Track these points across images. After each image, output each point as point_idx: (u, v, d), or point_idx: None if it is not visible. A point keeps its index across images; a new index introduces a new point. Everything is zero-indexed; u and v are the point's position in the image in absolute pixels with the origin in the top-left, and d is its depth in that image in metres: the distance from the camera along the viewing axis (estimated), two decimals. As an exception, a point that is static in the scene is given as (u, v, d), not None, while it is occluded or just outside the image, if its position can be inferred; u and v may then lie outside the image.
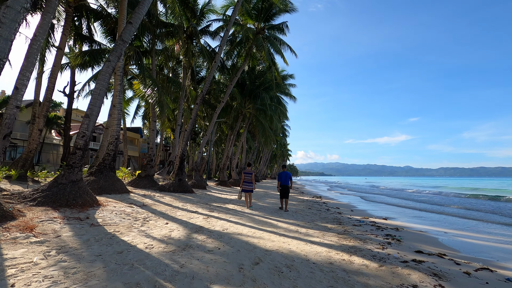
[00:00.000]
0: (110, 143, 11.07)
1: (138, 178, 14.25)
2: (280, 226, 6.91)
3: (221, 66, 20.38)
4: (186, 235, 5.25)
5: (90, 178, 10.11)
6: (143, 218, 6.47)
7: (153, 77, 15.22)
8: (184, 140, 14.40)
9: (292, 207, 11.56)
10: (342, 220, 8.49)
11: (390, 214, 11.26)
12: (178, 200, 10.72)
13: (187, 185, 14.03)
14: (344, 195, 24.23)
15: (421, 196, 26.24)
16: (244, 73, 22.92)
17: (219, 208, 9.45)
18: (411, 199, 21.05)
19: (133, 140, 46.57)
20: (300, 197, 18.37)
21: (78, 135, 7.21)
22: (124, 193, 10.62)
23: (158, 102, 14.34)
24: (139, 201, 9.19)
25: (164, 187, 13.62)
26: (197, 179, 17.85)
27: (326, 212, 10.57)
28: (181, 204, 9.71)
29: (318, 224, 7.62)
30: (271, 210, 10.15)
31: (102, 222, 5.62)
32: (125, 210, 7.11)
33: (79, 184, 7.04)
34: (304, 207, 12.13)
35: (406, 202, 18.24)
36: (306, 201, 15.23)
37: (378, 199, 20.40)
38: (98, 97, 7.40)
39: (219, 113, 21.98)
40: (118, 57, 7.77)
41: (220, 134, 33.74)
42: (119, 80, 11.27)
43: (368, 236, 6.29)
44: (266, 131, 22.72)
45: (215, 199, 12.46)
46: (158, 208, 8.31)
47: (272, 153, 68.35)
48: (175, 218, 6.98)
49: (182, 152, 14.39)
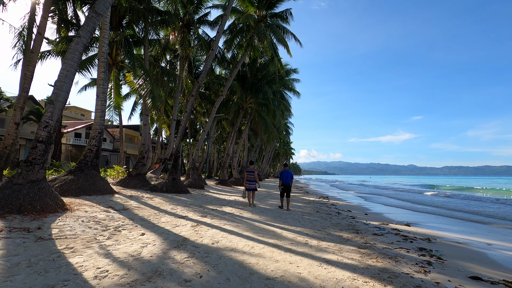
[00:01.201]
0: (92, 138, 9.84)
1: (128, 177, 13.03)
2: (285, 237, 5.61)
3: (220, 58, 19.08)
4: (161, 253, 3.97)
5: (68, 178, 8.87)
6: (115, 227, 5.21)
7: (145, 67, 13.98)
8: (178, 136, 13.15)
9: (298, 210, 10.26)
10: (358, 227, 7.17)
11: (411, 218, 9.91)
12: (169, 202, 9.47)
13: (181, 185, 12.78)
14: (352, 195, 22.85)
15: (435, 197, 24.79)
16: (245, 65, 21.59)
17: (213, 212, 8.17)
18: (425, 202, 19.64)
19: (133, 138, 45.50)
20: (305, 197, 17.05)
21: (40, 126, 5.95)
22: (107, 194, 9.39)
23: (150, 93, 13.08)
24: (121, 203, 7.94)
25: (156, 187, 12.38)
26: (194, 178, 16.60)
27: (337, 216, 9.25)
28: (171, 207, 8.45)
29: (331, 233, 6.30)
30: (274, 213, 8.85)
31: (56, 234, 4.36)
32: (97, 216, 5.85)
33: (40, 184, 5.79)
34: (311, 209, 10.82)
35: (421, 204, 16.86)
36: (313, 202, 13.91)
37: (389, 201, 19.04)
38: (65, 79, 6.14)
39: (219, 108, 20.68)
40: (90, 32, 6.49)
41: (221, 131, 32.49)
42: (102, 68, 10.01)
43: (397, 251, 4.96)
44: (269, 127, 21.39)
45: (211, 201, 11.19)
46: (141, 212, 7.05)
47: (275, 152, 67.03)
48: (156, 226, 5.71)
49: (176, 149, 13.14)
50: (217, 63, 19.00)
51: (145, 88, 13.34)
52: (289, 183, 10.12)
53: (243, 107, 21.82)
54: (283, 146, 70.20)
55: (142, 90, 13.52)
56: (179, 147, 13.18)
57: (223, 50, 19.59)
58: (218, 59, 18.71)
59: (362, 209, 12.04)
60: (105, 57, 10.10)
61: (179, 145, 13.19)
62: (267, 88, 19.83)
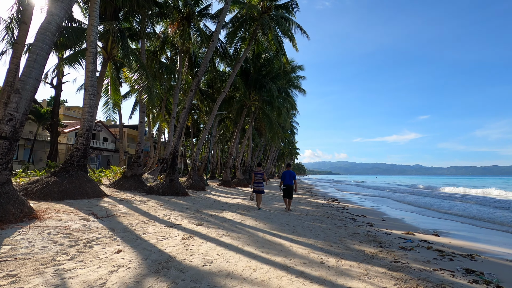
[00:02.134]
0: (79, 136, 8.93)
1: (123, 179, 12.14)
2: (295, 253, 4.59)
3: (222, 52, 18.12)
4: (133, 282, 2.99)
5: (50, 180, 7.97)
6: (87, 242, 4.25)
7: (141, 61, 13.09)
8: (176, 134, 12.22)
9: (307, 215, 9.22)
10: (380, 238, 6.11)
11: (435, 225, 8.80)
12: (163, 207, 8.52)
13: (179, 187, 11.83)
14: (362, 196, 21.68)
15: (452, 197, 23.51)
16: (248, 61, 20.61)
17: (211, 219, 7.19)
18: (442, 206, 18.42)
19: (135, 138, 44.82)
20: (313, 199, 15.99)
21: (3, 119, 5.03)
22: (95, 197, 8.47)
23: (146, 88, 12.17)
24: (108, 209, 7.01)
25: (152, 189, 11.46)
26: (195, 179, 15.66)
27: (352, 222, 8.19)
28: (164, 213, 7.49)
29: (350, 246, 5.27)
30: (280, 220, 7.84)
31: (3, 254, 3.41)
32: (70, 227, 4.91)
33: (2, 188, 4.87)
34: (322, 214, 9.77)
35: (439, 206, 15.68)
36: (322, 205, 12.85)
37: (405, 202, 17.88)
38: (34, 64, 5.21)
39: (221, 106, 19.74)
40: (66, 10, 5.56)
41: (225, 130, 31.55)
42: (91, 58, 9.09)
43: (440, 274, 3.91)
44: (274, 125, 20.35)
45: (211, 204, 10.22)
46: (126, 220, 6.09)
47: (279, 152, 65.94)
48: (139, 239, 4.74)
49: (174, 148, 12.21)
50: (219, 59, 18.04)
51: (140, 83, 12.45)
52: (291, 184, 9.79)
53: (246, 104, 20.83)
54: (288, 146, 69.07)
55: (137, 84, 12.63)
56: (178, 146, 12.24)
57: (225, 45, 18.64)
58: (220, 54, 17.74)
59: (378, 214, 10.95)
60: (93, 46, 9.18)
61: (178, 144, 12.26)
62: (271, 84, 18.81)
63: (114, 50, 14.62)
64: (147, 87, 12.40)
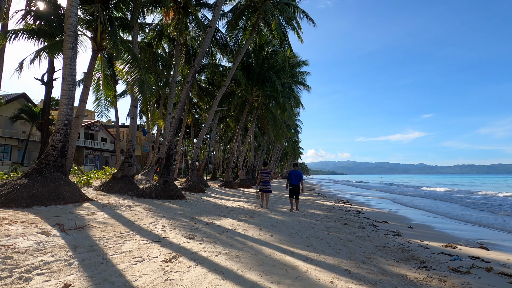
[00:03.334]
0: (56, 131, 7.77)
1: (112, 181, 10.98)
2: (316, 281, 3.36)
3: (222, 44, 16.93)
4: None
5: (19, 183, 6.81)
6: (25, 271, 3.05)
7: (133, 51, 11.93)
8: (171, 130, 11.04)
9: (319, 221, 7.97)
10: (418, 254, 4.86)
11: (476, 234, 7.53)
12: (153, 213, 7.33)
13: (175, 189, 10.64)
14: (374, 197, 20.31)
15: (471, 198, 22.12)
16: (250, 54, 19.40)
17: (207, 228, 5.97)
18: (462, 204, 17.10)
19: (136, 139, 43.77)
20: (322, 202, 14.72)
21: None
22: (74, 202, 7.30)
23: (138, 80, 11.00)
24: (85, 217, 5.85)
25: (143, 192, 10.28)
26: (193, 180, 14.47)
27: (374, 231, 6.94)
28: (151, 222, 6.29)
29: (384, 267, 4.03)
30: (290, 228, 6.61)
31: None
32: (15, 246, 3.72)
33: None
34: (336, 220, 8.52)
35: (462, 209, 14.36)
36: (333, 208, 11.59)
37: (420, 203, 16.56)
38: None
39: (222, 102, 18.56)
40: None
41: (226, 129, 30.39)
42: (70, 43, 7.91)
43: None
44: (278, 122, 19.10)
45: (209, 209, 9.01)
46: (100, 233, 4.90)
47: (283, 151, 64.68)
48: (105, 262, 3.53)
49: (169, 146, 11.03)
50: (219, 51, 16.85)
51: (132, 75, 11.29)
52: (298, 183, 9.66)
53: (248, 100, 19.60)
54: (292, 145, 67.79)
55: (129, 77, 11.47)
56: (173, 144, 11.07)
57: (226, 37, 17.45)
58: (220, 46, 16.57)
59: (400, 219, 9.66)
60: (72, 29, 8.00)
61: (172, 141, 11.08)
62: (275, 78, 17.56)
63: (104, 41, 13.48)
64: (138, 80, 11.23)
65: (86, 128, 34.01)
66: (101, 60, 14.88)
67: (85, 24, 12.38)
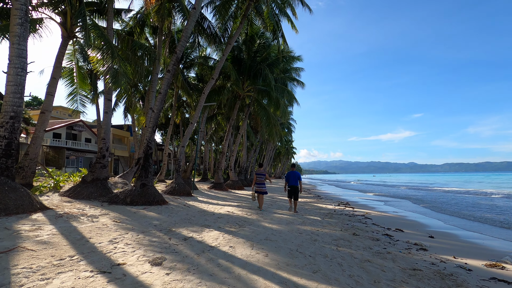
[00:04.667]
0: (0, 126, 6.31)
1: (82, 184, 9.51)
2: None
3: (210, 34, 15.57)
4: None
5: None
6: None
7: (107, 37, 10.49)
8: (150, 126, 9.64)
9: (323, 232, 6.70)
10: (465, 282, 3.63)
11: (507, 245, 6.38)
12: (120, 225, 5.94)
13: (154, 193, 9.24)
14: (375, 198, 19.13)
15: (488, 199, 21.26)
16: (241, 47, 18.08)
17: (184, 246, 4.63)
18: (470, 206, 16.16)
19: (122, 139, 41.95)
20: (320, 204, 13.50)
21: None
22: (21, 213, 5.89)
23: (111, 70, 9.58)
24: (22, 234, 4.46)
25: (117, 197, 8.85)
26: (179, 183, 13.06)
27: (392, 244, 5.70)
28: (112, 238, 4.91)
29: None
30: (288, 242, 5.32)
31: None
32: None
33: None
34: (342, 228, 7.26)
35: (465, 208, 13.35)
36: (334, 213, 10.35)
37: (426, 203, 15.53)
38: None
39: (211, 97, 17.19)
40: None
41: (217, 127, 28.98)
42: (18, 18, 6.45)
43: None
44: (271, 119, 17.80)
45: (192, 217, 7.64)
46: (29, 260, 3.51)
47: (276, 151, 63.49)
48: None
49: (147, 144, 9.63)
50: (206, 39, 15.45)
51: (104, 63, 9.86)
52: (296, 184, 9.70)
53: (239, 96, 18.25)
54: (285, 144, 66.70)
55: (101, 66, 10.02)
56: (151, 142, 9.66)
57: (214, 28, 16.08)
58: (208, 35, 15.19)
59: (414, 225, 8.46)
60: (22, 2, 6.56)
61: (151, 138, 9.68)
62: (267, 72, 16.26)
63: (75, 26, 11.97)
64: (112, 69, 9.80)
65: (68, 128, 32.06)
66: (74, 49, 13.35)
67: (52, 6, 10.90)
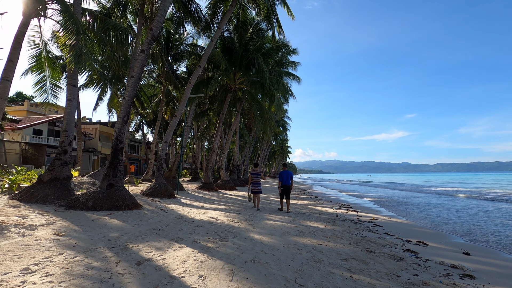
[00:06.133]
0: None
1: (37, 185, 7.93)
2: None
3: (198, 17, 14.06)
4: None
5: None
6: None
7: (71, 12, 8.93)
8: (120, 116, 8.12)
9: (328, 244, 5.29)
10: None
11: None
12: (60, 240, 4.44)
13: (123, 196, 7.72)
14: (376, 200, 17.78)
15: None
16: (232, 32, 16.60)
17: (130, 277, 3.15)
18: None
19: (110, 137, 40.10)
20: (319, 207, 12.11)
21: None
22: None
23: (75, 48, 8.03)
24: None
25: (77, 201, 7.32)
26: (160, 183, 11.54)
27: (420, 265, 4.28)
28: (29, 264, 3.40)
29: None
30: (283, 266, 3.90)
31: None
32: None
33: None
34: (349, 239, 5.84)
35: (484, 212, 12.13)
36: (337, 218, 8.95)
37: (433, 205, 14.28)
38: None
39: (199, 89, 15.70)
40: None
41: (208, 123, 27.44)
42: None
43: None
44: (265, 113, 16.31)
45: (164, 226, 6.15)
46: None
47: (271, 150, 62.11)
48: None
49: (116, 137, 8.11)
50: (192, 23, 13.94)
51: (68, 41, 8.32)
52: (289, 184, 9.75)
53: (230, 88, 16.75)
54: (280, 143, 65.34)
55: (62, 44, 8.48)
56: (122, 134, 8.14)
57: (203, 12, 14.57)
58: (195, 19, 13.68)
59: (438, 236, 7.06)
60: None
61: (122, 130, 8.15)
62: (261, 61, 14.80)
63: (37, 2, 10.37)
64: (75, 47, 8.25)
65: (50, 124, 30.16)
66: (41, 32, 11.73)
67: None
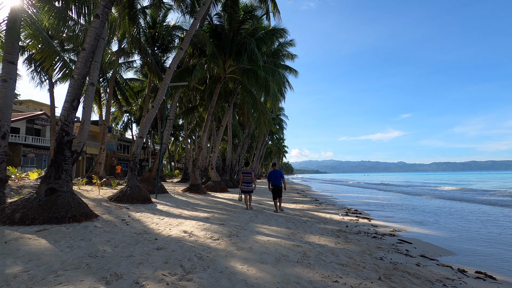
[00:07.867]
0: None
1: (-46, 190, 6.02)
2: None
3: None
4: None
5: None
6: None
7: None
8: (68, 100, 6.25)
9: (344, 277, 3.49)
10: None
11: None
12: None
13: (68, 204, 5.83)
14: (383, 203, 15.98)
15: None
16: (220, 12, 14.76)
17: None
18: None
19: (97, 135, 37.96)
20: (321, 213, 10.30)
21: None
22: None
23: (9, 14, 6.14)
24: None
25: (1, 212, 5.43)
26: (132, 186, 9.63)
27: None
28: None
29: None
30: None
31: None
32: None
33: None
34: (374, 269, 4.05)
35: None
36: (346, 228, 7.14)
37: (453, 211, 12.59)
38: None
39: (183, 78, 13.84)
40: None
41: (198, 120, 25.57)
42: None
43: None
44: (258, 105, 14.47)
45: (99, 255, 4.25)
46: None
47: (267, 150, 60.32)
48: None
49: (61, 128, 6.22)
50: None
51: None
52: (280, 184, 9.51)
53: (220, 78, 14.91)
54: (276, 143, 63.59)
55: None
56: (68, 123, 6.26)
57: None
58: None
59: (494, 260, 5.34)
60: None
61: (68, 118, 6.27)
62: (254, 46, 12.99)
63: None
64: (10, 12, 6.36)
65: (28, 121, 28.01)
66: None
67: None
